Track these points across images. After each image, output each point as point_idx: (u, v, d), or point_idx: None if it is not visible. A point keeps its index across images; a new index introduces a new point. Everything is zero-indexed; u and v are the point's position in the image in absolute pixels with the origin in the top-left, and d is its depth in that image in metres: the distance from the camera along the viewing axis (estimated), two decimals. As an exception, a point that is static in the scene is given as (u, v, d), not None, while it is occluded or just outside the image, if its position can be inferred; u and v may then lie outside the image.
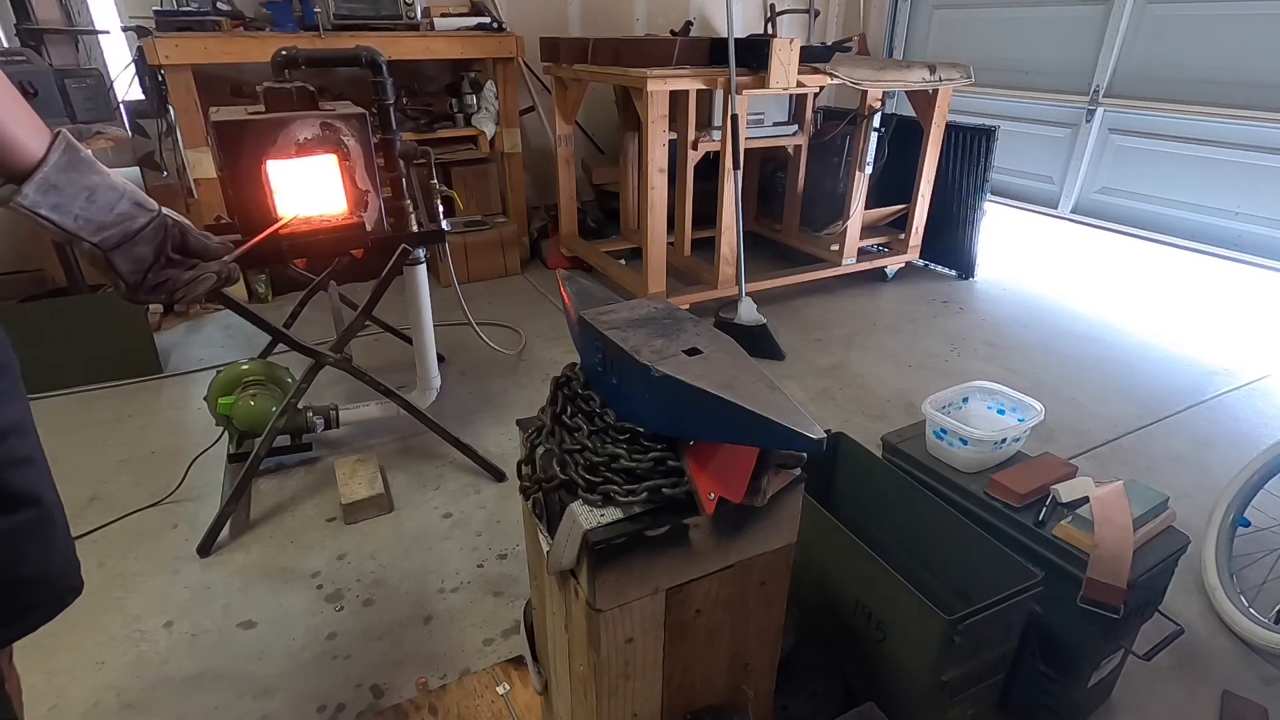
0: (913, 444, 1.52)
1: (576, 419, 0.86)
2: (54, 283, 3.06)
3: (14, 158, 0.68)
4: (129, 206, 0.78)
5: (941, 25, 4.38)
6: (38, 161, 0.69)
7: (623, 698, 0.89)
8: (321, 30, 3.05)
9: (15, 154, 0.68)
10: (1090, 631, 1.23)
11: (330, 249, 1.81)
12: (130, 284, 0.81)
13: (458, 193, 3.67)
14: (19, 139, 0.68)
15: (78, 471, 2.20)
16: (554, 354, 3.00)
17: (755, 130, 3.48)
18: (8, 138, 0.67)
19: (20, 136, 0.68)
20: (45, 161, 0.70)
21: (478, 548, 1.91)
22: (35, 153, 0.69)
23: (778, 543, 0.90)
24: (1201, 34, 3.16)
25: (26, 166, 0.69)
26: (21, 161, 0.69)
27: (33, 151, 0.69)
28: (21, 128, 0.68)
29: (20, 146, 0.68)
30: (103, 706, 1.46)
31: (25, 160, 0.69)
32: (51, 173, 0.70)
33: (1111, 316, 3.40)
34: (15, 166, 0.69)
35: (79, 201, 0.73)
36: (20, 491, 0.73)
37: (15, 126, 0.67)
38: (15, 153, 0.68)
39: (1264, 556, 1.81)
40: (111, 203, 0.76)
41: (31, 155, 0.69)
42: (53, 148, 0.71)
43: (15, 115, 0.67)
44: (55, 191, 0.71)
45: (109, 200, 0.75)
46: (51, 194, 0.71)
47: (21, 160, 0.69)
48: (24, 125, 0.68)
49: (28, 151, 0.69)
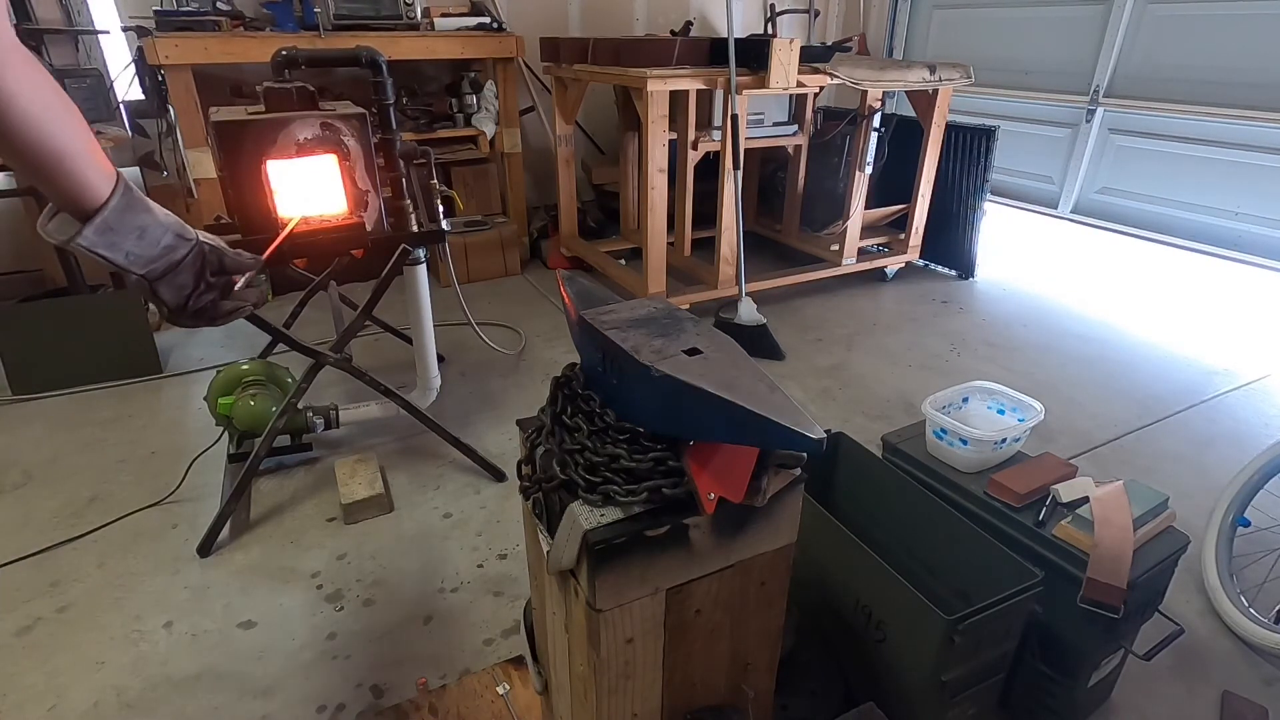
0: (913, 444, 1.52)
1: (576, 419, 0.86)
2: (54, 283, 3.06)
3: (83, 197, 0.72)
4: (172, 239, 0.81)
5: (941, 25, 4.38)
6: (100, 203, 0.72)
7: (623, 698, 0.89)
8: (321, 30, 3.05)
9: (85, 194, 0.71)
10: (1090, 631, 1.23)
11: (330, 249, 1.81)
12: (174, 309, 0.84)
13: (458, 193, 3.67)
14: (90, 181, 0.71)
15: (78, 471, 2.20)
16: (554, 354, 3.00)
17: (755, 130, 3.48)
18: (80, 180, 0.70)
19: (91, 179, 0.71)
20: (106, 205, 0.73)
21: (478, 548, 1.91)
22: (101, 193, 0.72)
23: (778, 543, 0.90)
24: (1201, 34, 3.16)
25: (91, 206, 0.72)
26: (87, 200, 0.72)
27: (99, 191, 0.72)
28: (93, 170, 0.71)
29: (90, 189, 0.71)
30: (103, 706, 1.46)
31: (91, 200, 0.72)
32: (110, 215, 0.74)
33: (1111, 316, 3.40)
34: (81, 204, 0.72)
35: (130, 240, 0.77)
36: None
37: (89, 170, 0.71)
38: (85, 193, 0.71)
39: (1264, 556, 1.81)
40: (158, 238, 0.80)
41: (97, 195, 0.72)
42: (114, 193, 0.74)
43: (90, 159, 0.71)
44: (111, 232, 0.75)
45: (156, 236, 0.79)
46: (107, 234, 0.74)
47: (87, 200, 0.72)
48: (95, 167, 0.71)
49: (96, 193, 0.72)
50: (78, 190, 0.70)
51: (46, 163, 0.67)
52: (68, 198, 0.71)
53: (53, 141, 0.66)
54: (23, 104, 0.62)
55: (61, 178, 0.69)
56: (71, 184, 0.70)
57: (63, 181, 0.69)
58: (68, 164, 0.68)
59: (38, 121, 0.64)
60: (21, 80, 0.62)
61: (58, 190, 0.70)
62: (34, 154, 0.66)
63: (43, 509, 2.04)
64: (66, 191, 0.70)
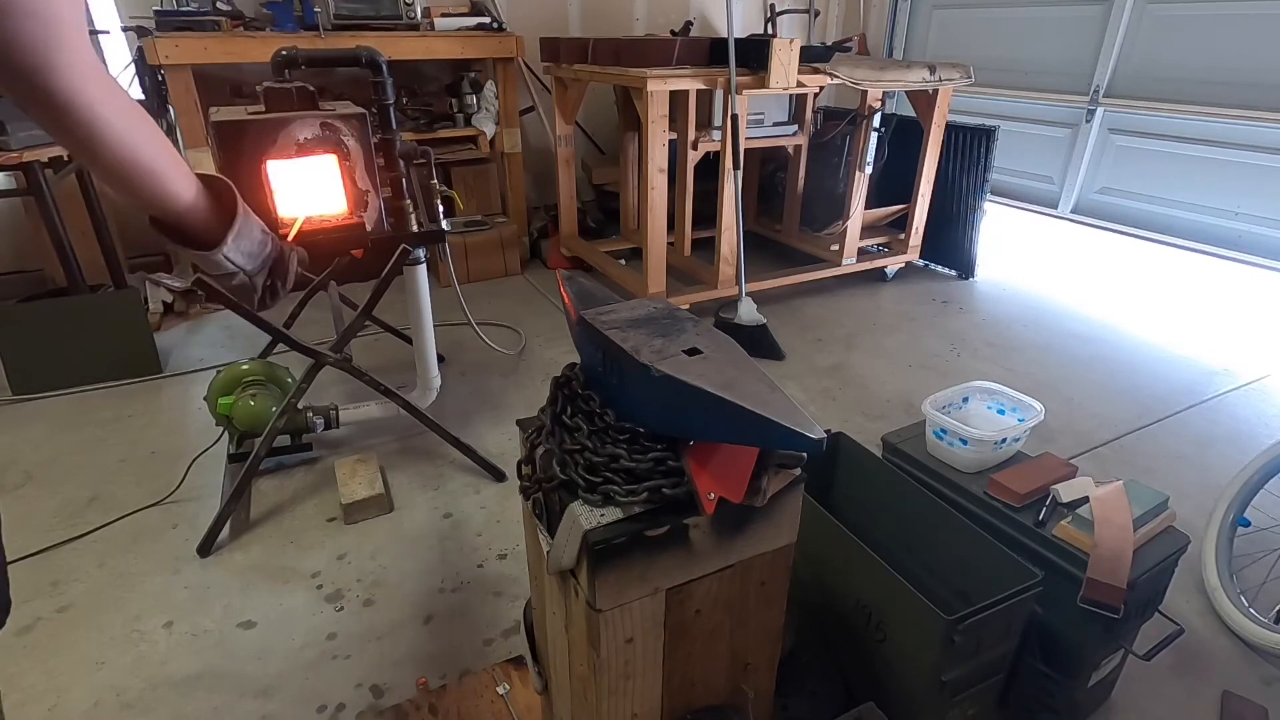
0: (913, 444, 1.52)
1: (576, 419, 0.86)
2: (54, 283, 3.06)
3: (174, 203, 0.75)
4: (261, 234, 0.87)
5: (941, 25, 4.38)
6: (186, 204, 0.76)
7: (623, 698, 0.89)
8: (321, 30, 3.05)
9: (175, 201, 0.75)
10: (1090, 631, 1.23)
11: (330, 249, 1.81)
12: (260, 297, 0.90)
13: (458, 193, 3.67)
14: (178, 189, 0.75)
15: (78, 471, 2.20)
16: (554, 354, 3.00)
17: (755, 130, 3.48)
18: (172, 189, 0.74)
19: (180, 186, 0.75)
20: (238, 214, 0.79)
21: (478, 548, 1.91)
22: (187, 196, 0.76)
23: (778, 543, 0.90)
24: (1201, 34, 3.16)
25: (177, 209, 0.75)
26: (176, 205, 0.75)
27: (186, 196, 0.76)
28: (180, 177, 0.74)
29: (180, 195, 0.75)
30: (103, 706, 1.46)
31: (179, 204, 0.75)
32: (240, 223, 0.80)
33: (1111, 316, 3.40)
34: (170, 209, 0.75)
35: (245, 241, 0.83)
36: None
37: (177, 178, 0.74)
38: (176, 200, 0.75)
39: (1264, 556, 1.82)
40: (258, 235, 0.86)
41: (184, 199, 0.75)
42: (237, 200, 0.79)
43: (176, 167, 0.73)
44: (240, 238, 0.81)
45: (257, 234, 0.85)
46: (239, 241, 0.81)
47: (177, 204, 0.75)
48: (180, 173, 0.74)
49: (184, 198, 0.76)
50: (169, 197, 0.74)
51: (135, 175, 0.69)
52: (158, 206, 0.74)
53: (139, 154, 0.68)
54: (108, 118, 0.64)
55: (154, 188, 0.72)
56: (162, 192, 0.73)
57: (155, 191, 0.72)
58: (160, 174, 0.71)
59: (124, 135, 0.66)
60: (104, 99, 0.63)
61: (148, 200, 0.73)
62: (124, 168, 0.68)
63: (43, 509, 2.04)
64: (158, 200, 0.73)
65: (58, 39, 0.58)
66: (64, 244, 2.65)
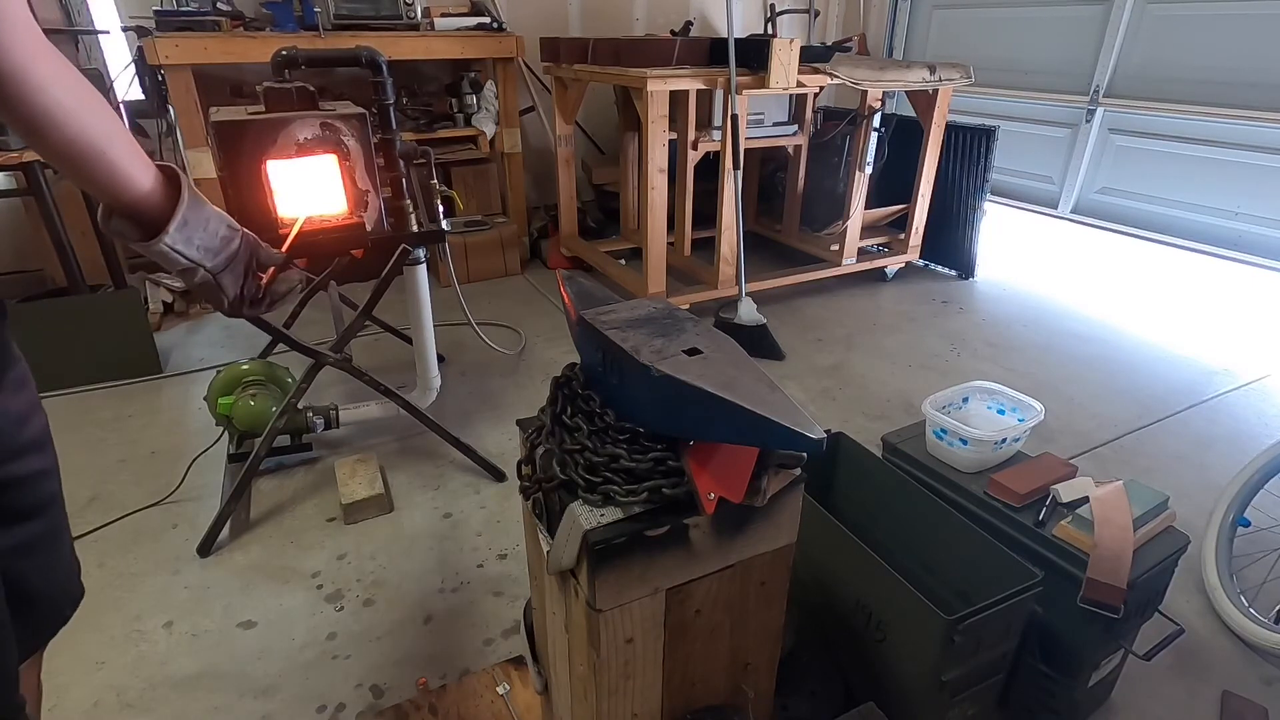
0: (913, 444, 1.52)
1: (576, 419, 0.86)
2: (54, 283, 3.06)
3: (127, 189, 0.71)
4: (226, 229, 0.82)
5: (941, 25, 4.38)
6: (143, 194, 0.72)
7: (623, 698, 0.89)
8: (321, 30, 3.05)
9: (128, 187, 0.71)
10: (1090, 631, 1.23)
11: (330, 249, 1.81)
12: (234, 301, 0.85)
13: (458, 193, 3.66)
14: (132, 174, 0.71)
15: (78, 471, 2.20)
16: (554, 354, 3.00)
17: (755, 130, 3.47)
18: (123, 172, 0.70)
19: (134, 171, 0.71)
20: (181, 201, 0.74)
21: (478, 548, 1.91)
22: (143, 184, 0.72)
23: (778, 543, 0.90)
24: (1201, 34, 3.16)
25: (133, 196, 0.72)
26: (131, 192, 0.72)
27: (141, 183, 0.72)
28: (134, 162, 0.71)
29: (133, 181, 0.71)
30: (103, 706, 1.46)
31: (135, 191, 0.72)
32: (186, 211, 0.74)
33: (1111, 316, 3.40)
34: (124, 196, 0.72)
35: (199, 233, 0.77)
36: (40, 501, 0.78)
37: (131, 162, 0.71)
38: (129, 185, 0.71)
39: (1264, 556, 1.81)
40: (217, 229, 0.80)
41: (140, 186, 0.72)
42: (182, 186, 0.75)
43: (129, 150, 0.70)
44: (187, 227, 0.76)
45: (215, 227, 0.80)
46: (184, 230, 0.75)
47: (131, 191, 0.72)
48: (135, 158, 0.71)
49: (139, 184, 0.72)
50: (121, 183, 0.70)
51: (88, 156, 0.66)
52: (111, 191, 0.70)
53: (90, 134, 0.65)
54: (58, 96, 0.61)
55: (104, 171, 0.68)
56: (114, 176, 0.69)
57: (105, 174, 0.69)
58: (110, 156, 0.68)
59: (75, 114, 0.63)
60: (53, 76, 0.61)
61: (101, 184, 0.69)
62: (75, 148, 0.65)
63: (43, 509, 2.03)
64: (110, 185, 0.70)
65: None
66: (64, 244, 2.65)
